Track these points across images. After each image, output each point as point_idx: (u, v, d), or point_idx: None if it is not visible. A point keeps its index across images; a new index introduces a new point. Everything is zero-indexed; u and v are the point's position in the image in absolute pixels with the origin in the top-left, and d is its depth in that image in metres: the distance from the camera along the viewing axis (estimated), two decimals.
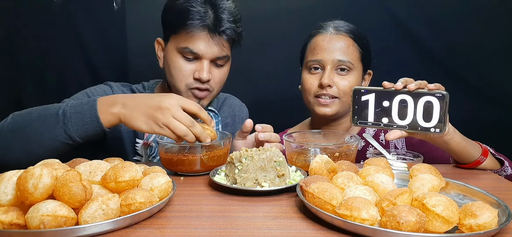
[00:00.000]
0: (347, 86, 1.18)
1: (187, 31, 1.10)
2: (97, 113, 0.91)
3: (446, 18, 1.62)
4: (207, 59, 1.13)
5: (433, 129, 0.86)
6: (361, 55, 1.22)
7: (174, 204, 0.75)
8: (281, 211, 0.71)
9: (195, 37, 1.10)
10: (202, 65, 1.13)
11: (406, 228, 0.55)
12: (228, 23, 1.11)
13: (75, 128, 0.91)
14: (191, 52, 1.12)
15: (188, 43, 1.11)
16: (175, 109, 0.89)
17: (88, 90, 1.18)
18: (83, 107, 0.92)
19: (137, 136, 1.22)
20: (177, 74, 1.15)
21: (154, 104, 0.90)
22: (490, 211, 0.58)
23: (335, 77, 1.19)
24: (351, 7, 1.65)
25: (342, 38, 1.20)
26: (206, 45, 1.11)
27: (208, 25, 1.10)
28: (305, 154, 0.98)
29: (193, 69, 1.14)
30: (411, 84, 0.86)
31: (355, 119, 0.93)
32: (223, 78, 1.21)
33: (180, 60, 1.14)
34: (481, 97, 1.65)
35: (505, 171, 1.04)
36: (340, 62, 1.18)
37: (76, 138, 0.92)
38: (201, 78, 1.13)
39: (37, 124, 0.92)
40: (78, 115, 0.91)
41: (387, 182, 0.72)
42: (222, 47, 1.14)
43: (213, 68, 1.17)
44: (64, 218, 0.56)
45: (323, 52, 1.19)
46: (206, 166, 0.94)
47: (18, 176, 0.59)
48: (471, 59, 1.63)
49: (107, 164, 0.73)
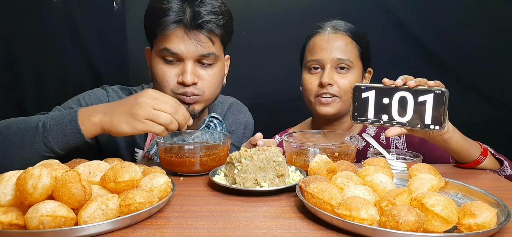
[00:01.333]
0: (347, 84, 1.19)
1: (163, 31, 1.01)
2: (78, 124, 0.89)
3: (446, 18, 1.62)
4: (189, 59, 1.04)
5: (433, 126, 0.86)
6: (360, 53, 1.22)
7: (173, 204, 0.75)
8: (280, 211, 0.71)
9: (171, 35, 1.02)
10: (185, 67, 1.04)
11: (405, 228, 0.55)
12: (208, 15, 1.02)
13: (56, 140, 0.89)
14: (170, 53, 1.03)
15: (165, 43, 1.03)
16: (152, 101, 0.88)
17: (81, 97, 1.14)
18: (63, 118, 0.90)
19: (136, 145, 1.19)
20: (161, 80, 1.07)
21: (131, 102, 0.89)
22: (489, 210, 0.58)
23: (335, 75, 1.19)
24: (352, 7, 1.65)
25: (340, 37, 1.20)
26: (185, 43, 1.02)
27: (183, 20, 1.01)
28: (305, 154, 0.98)
29: (176, 73, 1.06)
30: (411, 81, 0.87)
31: (355, 116, 0.94)
32: (214, 79, 1.11)
33: (161, 65, 1.06)
34: (481, 97, 1.65)
35: (504, 171, 1.04)
36: (339, 61, 1.18)
37: (57, 150, 0.90)
38: (185, 82, 1.04)
39: (16, 138, 0.90)
40: (58, 127, 0.89)
41: (386, 182, 0.72)
42: (205, 44, 1.04)
43: (199, 70, 1.08)
44: (63, 218, 0.56)
45: (322, 51, 1.19)
46: (206, 166, 0.94)
47: (18, 177, 0.59)
48: (471, 59, 1.63)
49: (106, 164, 0.73)
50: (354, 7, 1.65)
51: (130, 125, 0.87)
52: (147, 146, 1.18)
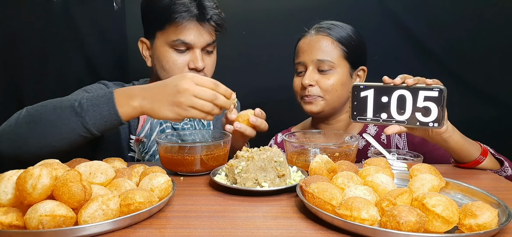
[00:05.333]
0: (329, 85, 1.20)
1: (176, 25, 1.13)
2: (116, 106, 0.89)
3: (446, 17, 1.62)
4: (198, 48, 1.17)
5: (432, 124, 0.87)
6: (345, 53, 1.22)
7: (174, 204, 0.74)
8: (281, 211, 0.71)
9: (186, 28, 1.14)
10: (195, 54, 1.17)
11: (406, 228, 0.55)
12: (213, 10, 1.17)
13: (93, 121, 0.89)
14: (183, 43, 1.15)
15: (179, 35, 1.14)
16: (193, 87, 0.88)
17: (86, 88, 1.18)
18: (99, 100, 0.90)
19: (131, 132, 1.22)
20: (172, 68, 1.17)
21: (172, 90, 0.89)
22: (490, 211, 0.58)
23: (317, 76, 1.22)
24: (351, 7, 1.65)
25: (321, 38, 1.22)
26: (197, 34, 1.15)
27: (196, 14, 1.14)
28: (305, 154, 0.98)
29: (186, 60, 1.17)
30: (409, 79, 0.88)
31: (354, 115, 0.94)
32: (214, 63, 1.26)
33: (172, 53, 1.17)
34: (481, 97, 1.65)
35: (505, 171, 1.04)
36: (319, 62, 1.20)
37: (94, 131, 0.90)
38: (197, 67, 1.16)
39: (53, 117, 0.90)
40: (95, 108, 0.89)
41: (387, 182, 0.72)
42: (211, 34, 1.18)
43: (205, 56, 1.20)
44: (62, 217, 0.56)
45: (304, 53, 1.23)
46: (206, 166, 0.94)
47: (18, 176, 0.59)
48: (471, 59, 1.63)
49: (107, 165, 0.72)
50: (353, 7, 1.65)
51: (173, 112, 0.89)
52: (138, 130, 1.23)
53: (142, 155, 1.23)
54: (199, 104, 0.88)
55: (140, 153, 1.23)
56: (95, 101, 0.90)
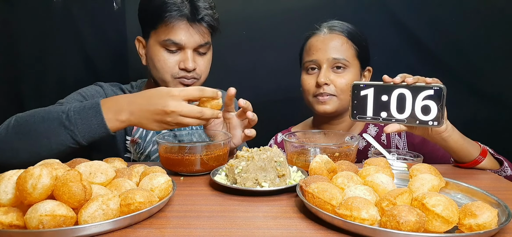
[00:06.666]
0: (344, 84, 1.20)
1: (166, 24, 1.12)
2: (104, 120, 0.92)
3: (445, 16, 1.62)
4: (189, 48, 1.15)
5: (431, 122, 0.87)
6: (357, 52, 1.23)
7: (174, 204, 0.74)
8: (281, 211, 0.71)
9: (175, 28, 1.12)
10: (186, 54, 1.15)
11: (406, 228, 0.55)
12: (205, 10, 1.14)
13: (82, 134, 0.91)
14: (173, 43, 1.14)
15: (169, 35, 1.13)
16: (180, 107, 0.89)
17: (82, 91, 1.19)
18: (87, 112, 0.92)
19: (127, 133, 1.23)
20: (162, 67, 1.16)
21: (159, 109, 0.90)
22: (490, 211, 0.58)
23: (332, 75, 1.21)
24: (351, 6, 1.65)
25: (335, 37, 1.22)
26: (187, 35, 1.14)
27: (186, 14, 1.12)
28: (306, 154, 0.98)
29: (177, 60, 1.16)
30: (409, 78, 0.88)
31: (354, 114, 0.94)
32: (208, 65, 1.24)
33: (163, 53, 1.16)
34: (481, 97, 1.65)
35: (504, 171, 1.04)
36: (335, 60, 1.20)
37: (83, 143, 0.93)
38: (187, 68, 1.15)
39: (42, 129, 0.92)
40: (83, 121, 0.91)
41: (387, 182, 0.72)
42: (203, 35, 1.16)
43: (197, 57, 1.19)
44: (62, 217, 0.56)
45: (318, 52, 1.22)
46: (206, 166, 0.94)
47: (18, 176, 0.59)
48: (471, 59, 1.62)
49: (107, 165, 0.72)
50: (353, 7, 1.65)
51: (161, 127, 0.93)
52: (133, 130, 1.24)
53: (138, 156, 1.24)
54: (185, 121, 0.91)
55: (136, 154, 1.24)
56: (83, 113, 0.92)
